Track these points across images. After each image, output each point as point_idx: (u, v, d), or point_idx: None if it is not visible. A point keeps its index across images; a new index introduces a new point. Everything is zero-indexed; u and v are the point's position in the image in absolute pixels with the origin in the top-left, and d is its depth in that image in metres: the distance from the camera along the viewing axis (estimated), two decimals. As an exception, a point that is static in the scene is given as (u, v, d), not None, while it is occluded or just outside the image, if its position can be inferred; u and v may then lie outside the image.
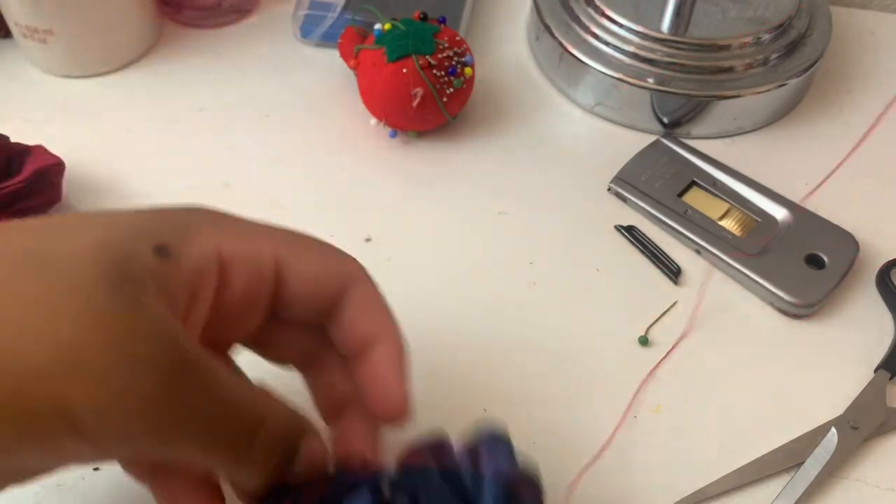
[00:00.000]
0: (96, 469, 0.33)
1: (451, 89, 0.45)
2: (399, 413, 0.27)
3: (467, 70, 0.46)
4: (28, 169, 0.40)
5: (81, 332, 0.20)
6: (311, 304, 0.27)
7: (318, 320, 0.28)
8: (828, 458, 0.35)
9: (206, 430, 0.22)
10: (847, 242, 0.42)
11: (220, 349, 0.28)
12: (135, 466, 0.28)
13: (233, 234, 0.25)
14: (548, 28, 0.51)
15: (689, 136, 0.49)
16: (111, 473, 0.34)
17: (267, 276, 0.26)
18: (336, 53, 0.51)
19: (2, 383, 0.19)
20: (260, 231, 0.27)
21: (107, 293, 0.21)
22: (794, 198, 0.44)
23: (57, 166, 0.42)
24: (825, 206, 0.44)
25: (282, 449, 0.25)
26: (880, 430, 0.36)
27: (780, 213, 0.44)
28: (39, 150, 0.42)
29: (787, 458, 0.35)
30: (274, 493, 0.25)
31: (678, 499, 0.34)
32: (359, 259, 0.29)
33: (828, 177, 0.47)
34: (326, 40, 0.53)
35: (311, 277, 0.27)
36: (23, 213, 0.40)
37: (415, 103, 0.45)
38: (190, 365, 0.22)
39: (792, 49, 0.49)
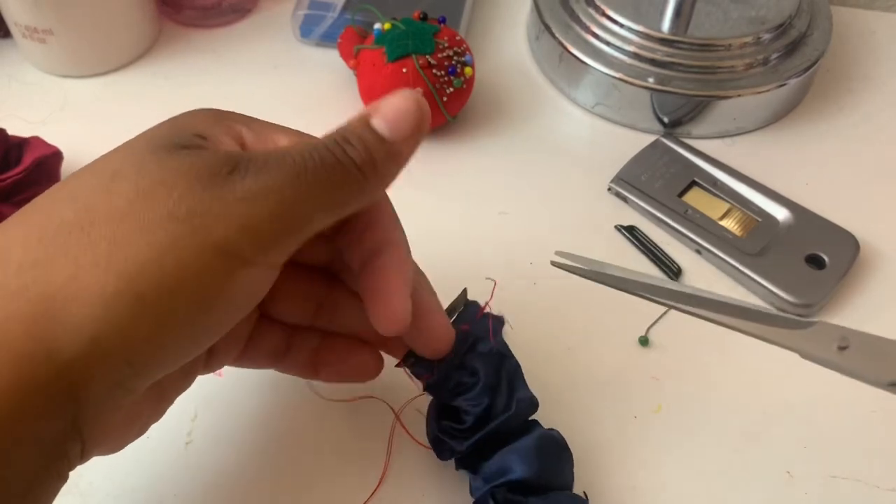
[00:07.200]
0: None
1: (451, 89, 0.45)
2: (397, 324, 0.28)
3: (467, 70, 0.46)
4: (27, 159, 0.41)
5: (182, 192, 0.22)
6: None
7: (333, 231, 0.29)
8: None
9: (296, 168, 0.24)
10: (847, 242, 0.42)
11: None
12: (299, 365, 0.32)
13: (248, 127, 0.27)
14: (548, 28, 0.51)
15: (689, 136, 0.49)
16: (110, 474, 0.34)
17: None
18: (336, 53, 0.51)
19: (166, 259, 0.22)
20: (269, 124, 0.28)
21: (174, 163, 0.23)
22: (794, 198, 0.44)
23: (55, 155, 0.42)
24: (825, 206, 0.44)
25: (354, 136, 0.25)
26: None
27: (780, 213, 0.43)
28: (36, 140, 0.42)
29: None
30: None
31: (679, 500, 0.34)
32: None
33: (828, 177, 0.47)
34: (326, 40, 0.53)
35: None
36: (24, 202, 0.40)
37: (415, 103, 0.44)
38: (248, 152, 0.24)
39: (792, 49, 0.49)
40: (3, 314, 0.21)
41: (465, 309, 0.33)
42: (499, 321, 0.33)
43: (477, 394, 0.30)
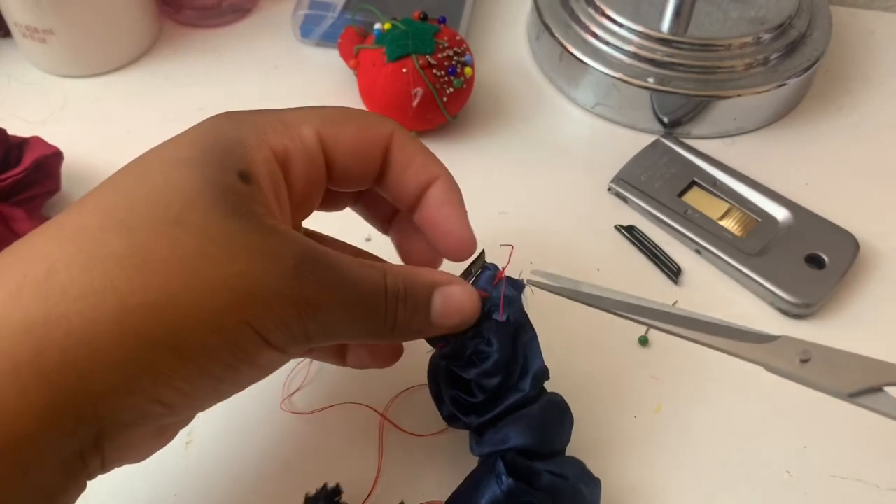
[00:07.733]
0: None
1: (451, 89, 0.45)
2: (466, 247, 0.31)
3: (467, 70, 0.46)
4: (28, 159, 0.41)
5: (244, 268, 0.23)
6: (358, 169, 0.30)
7: (370, 183, 0.31)
8: None
9: (347, 300, 0.26)
10: (847, 242, 0.42)
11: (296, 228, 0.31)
12: (326, 349, 0.33)
13: (275, 131, 0.28)
14: (548, 28, 0.51)
15: (689, 136, 0.49)
16: (110, 474, 0.34)
17: (316, 157, 0.28)
18: (336, 53, 0.51)
19: (209, 324, 0.23)
20: (296, 116, 0.29)
21: (239, 228, 0.24)
22: (794, 198, 0.44)
23: (55, 155, 0.42)
24: (825, 206, 0.44)
25: (412, 301, 0.28)
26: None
27: (780, 213, 0.43)
28: (37, 140, 0.42)
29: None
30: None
31: (679, 500, 0.34)
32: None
33: (828, 177, 0.47)
34: (326, 40, 0.53)
35: (353, 146, 0.29)
36: (24, 202, 0.41)
37: (415, 103, 0.44)
38: (316, 253, 0.25)
39: (792, 49, 0.49)
40: (46, 342, 0.21)
41: (482, 272, 0.33)
42: (518, 285, 0.33)
43: (490, 369, 0.31)
